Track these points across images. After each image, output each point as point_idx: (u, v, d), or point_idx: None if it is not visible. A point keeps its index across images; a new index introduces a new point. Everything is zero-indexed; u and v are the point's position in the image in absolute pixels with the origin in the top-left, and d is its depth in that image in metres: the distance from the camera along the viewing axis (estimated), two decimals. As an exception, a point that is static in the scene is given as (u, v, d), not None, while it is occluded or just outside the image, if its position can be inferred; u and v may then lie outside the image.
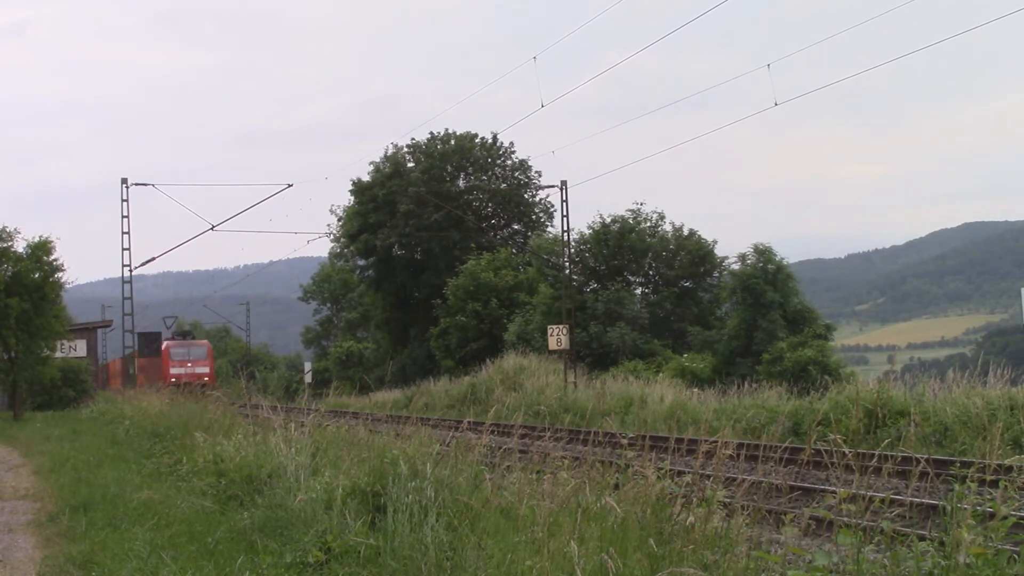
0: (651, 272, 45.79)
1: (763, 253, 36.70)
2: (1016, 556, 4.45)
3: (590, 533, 5.62)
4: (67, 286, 34.80)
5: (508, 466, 8.38)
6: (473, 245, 53.19)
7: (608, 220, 44.33)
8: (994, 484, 4.92)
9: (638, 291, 45.46)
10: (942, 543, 4.58)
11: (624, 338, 39.64)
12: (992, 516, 4.51)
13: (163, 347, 51.42)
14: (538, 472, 7.59)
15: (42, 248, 33.06)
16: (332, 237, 65.05)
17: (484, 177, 58.57)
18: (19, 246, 32.93)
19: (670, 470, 6.75)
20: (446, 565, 5.98)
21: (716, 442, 6.68)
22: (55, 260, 33.42)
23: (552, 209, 58.30)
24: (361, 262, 62.64)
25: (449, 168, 58.27)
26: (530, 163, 59.18)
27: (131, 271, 40.56)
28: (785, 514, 5.46)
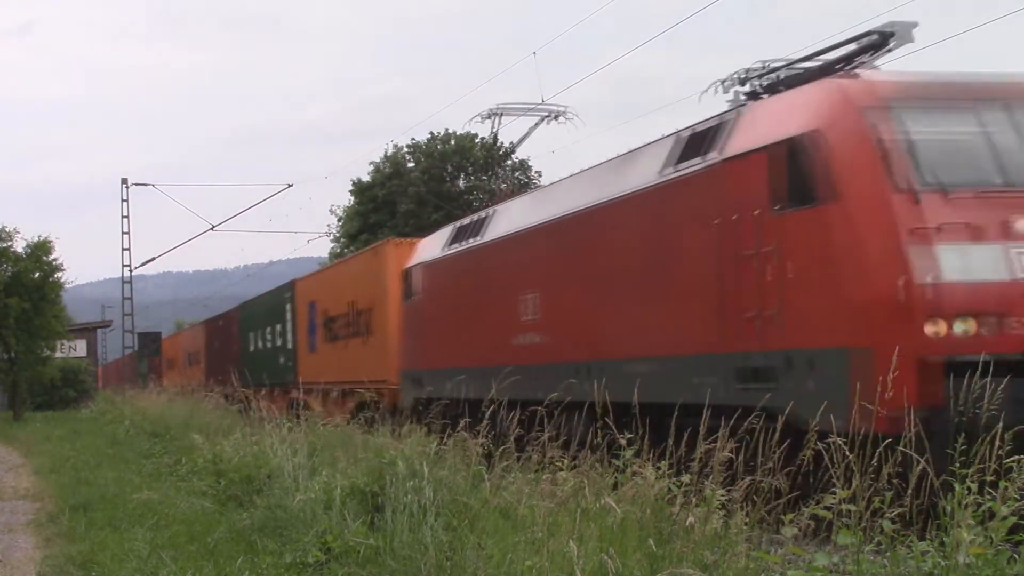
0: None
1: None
2: (1016, 556, 4.45)
3: (589, 533, 5.62)
4: (67, 286, 34.84)
5: (507, 465, 8.37)
6: (473, 245, 53.18)
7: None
8: (994, 485, 4.92)
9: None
10: (942, 543, 4.57)
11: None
12: (992, 516, 4.50)
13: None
14: (537, 471, 7.59)
15: (42, 248, 33.09)
16: (332, 237, 65.02)
17: (484, 177, 58.60)
18: (19, 246, 33.02)
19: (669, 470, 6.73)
20: (446, 565, 5.98)
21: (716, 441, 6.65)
22: (55, 260, 33.49)
23: (552, 209, 58.33)
24: (361, 262, 62.66)
25: (449, 168, 58.29)
26: (530, 163, 59.22)
27: (131, 271, 40.58)
28: (784, 514, 5.46)
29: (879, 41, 8.73)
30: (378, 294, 18.29)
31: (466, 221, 15.28)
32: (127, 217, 41.31)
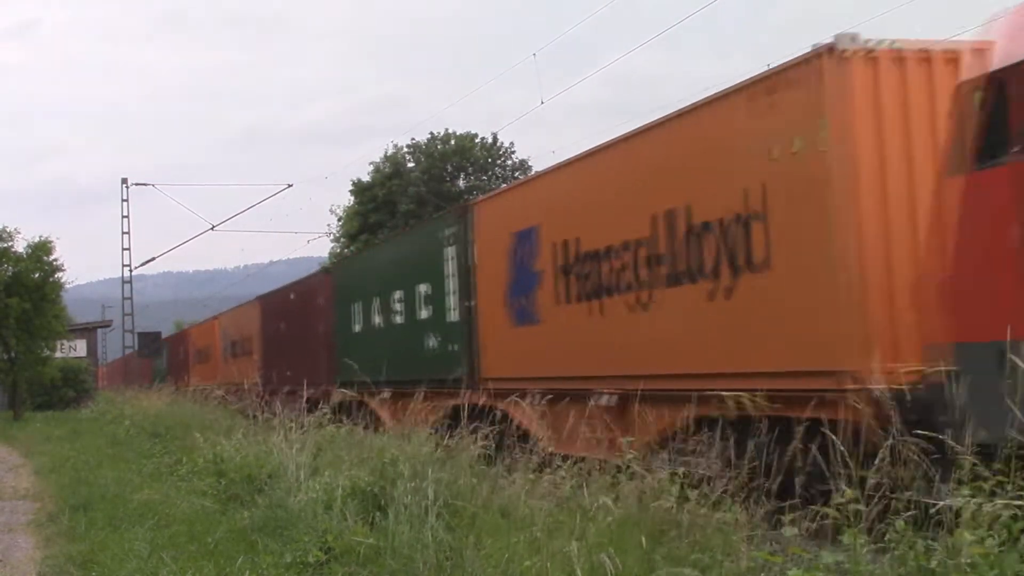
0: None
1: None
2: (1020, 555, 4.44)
3: (589, 532, 5.63)
4: (67, 286, 34.82)
5: (507, 465, 8.38)
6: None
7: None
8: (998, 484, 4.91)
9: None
10: (934, 541, 4.58)
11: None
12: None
13: None
14: (538, 471, 7.60)
15: (42, 248, 33.05)
16: (332, 237, 65.10)
17: (484, 177, 58.66)
18: (19, 246, 32.95)
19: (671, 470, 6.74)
20: (446, 565, 5.98)
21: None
22: (55, 260, 33.44)
23: (552, 209, 58.31)
24: (361, 262, 62.60)
25: (449, 168, 58.37)
26: (530, 163, 59.29)
27: (131, 271, 40.60)
28: (784, 513, 5.47)
29: None
30: (798, 175, 8.33)
31: None
32: (127, 217, 41.43)
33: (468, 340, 14.41)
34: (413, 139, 59.07)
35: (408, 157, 58.37)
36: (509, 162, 59.33)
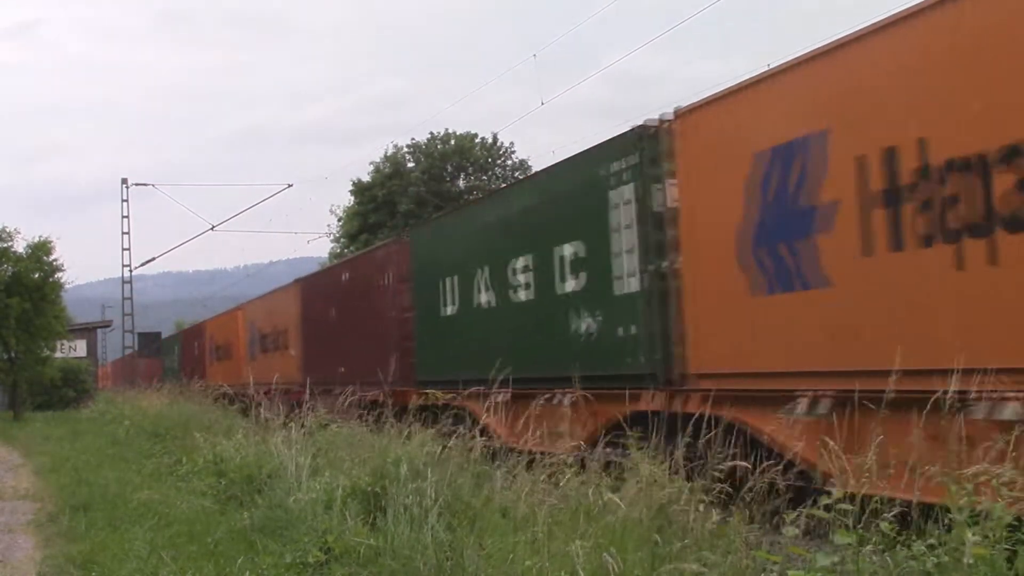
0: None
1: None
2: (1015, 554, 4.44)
3: (590, 532, 5.63)
4: (67, 286, 34.83)
5: (508, 464, 8.38)
6: (473, 245, 53.09)
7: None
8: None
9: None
10: (939, 543, 4.58)
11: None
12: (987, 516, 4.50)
13: None
14: (545, 473, 7.59)
15: (42, 248, 33.06)
16: (332, 237, 65.14)
17: (484, 177, 58.69)
18: (19, 246, 32.97)
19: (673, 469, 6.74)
20: (446, 565, 5.98)
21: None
22: (55, 260, 33.45)
23: (552, 209, 58.27)
24: (361, 262, 62.54)
25: (449, 168, 58.42)
26: (530, 163, 59.32)
27: (131, 271, 40.63)
28: (783, 514, 5.47)
29: None
30: None
31: None
32: (127, 217, 41.47)
33: (658, 318, 10.25)
34: (413, 139, 59.26)
35: (408, 157, 58.45)
36: (509, 162, 59.41)
